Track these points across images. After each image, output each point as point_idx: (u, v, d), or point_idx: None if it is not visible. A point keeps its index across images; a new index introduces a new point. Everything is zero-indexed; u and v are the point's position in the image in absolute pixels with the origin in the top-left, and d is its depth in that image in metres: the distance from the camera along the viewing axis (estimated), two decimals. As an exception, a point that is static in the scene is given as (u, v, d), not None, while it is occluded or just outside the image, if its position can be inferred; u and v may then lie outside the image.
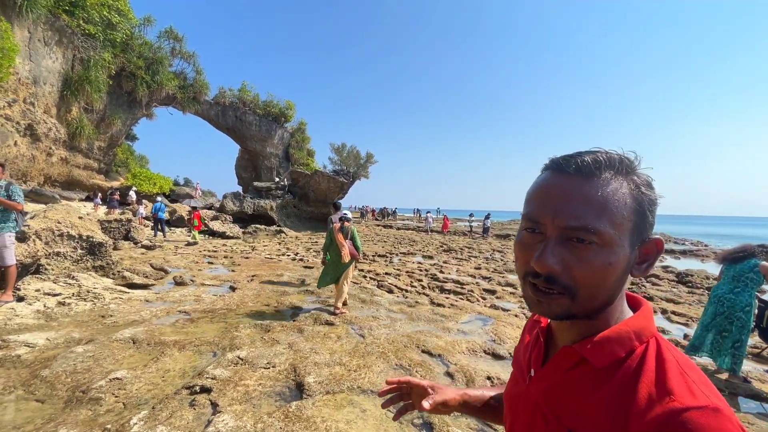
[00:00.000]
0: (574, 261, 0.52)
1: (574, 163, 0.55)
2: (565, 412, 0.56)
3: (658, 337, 0.56)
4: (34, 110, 14.60)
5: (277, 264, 9.71)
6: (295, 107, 30.58)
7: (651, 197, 0.55)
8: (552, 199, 0.55)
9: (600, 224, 0.51)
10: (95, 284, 5.56)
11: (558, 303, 0.54)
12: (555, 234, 0.54)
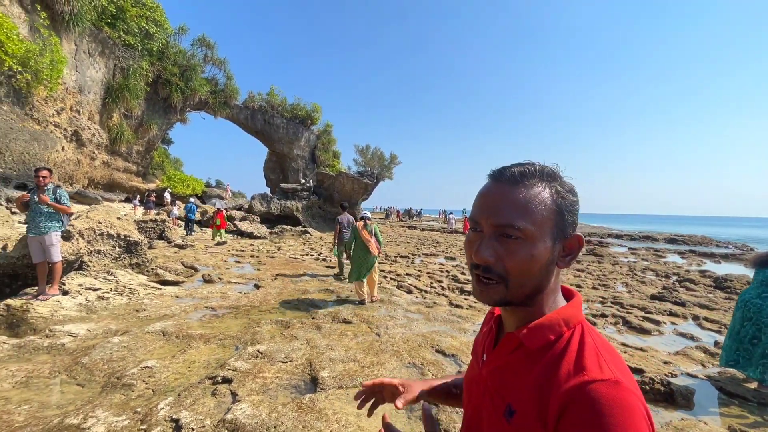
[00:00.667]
0: (505, 253, 0.62)
1: (506, 172, 0.66)
2: (506, 389, 0.65)
3: (584, 323, 0.65)
4: (79, 117, 15.64)
5: (301, 264, 9.96)
6: (322, 110, 31.18)
7: (570, 200, 0.65)
8: (487, 202, 0.66)
9: (522, 222, 0.61)
10: (131, 280, 5.93)
11: (495, 291, 0.64)
12: (489, 231, 0.64)
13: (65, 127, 14.84)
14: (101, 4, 15.45)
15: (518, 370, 0.65)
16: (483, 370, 0.73)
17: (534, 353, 0.63)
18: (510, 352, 0.68)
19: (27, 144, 12.45)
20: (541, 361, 0.62)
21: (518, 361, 0.66)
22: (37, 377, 3.08)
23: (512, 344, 0.68)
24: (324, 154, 30.80)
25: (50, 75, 12.52)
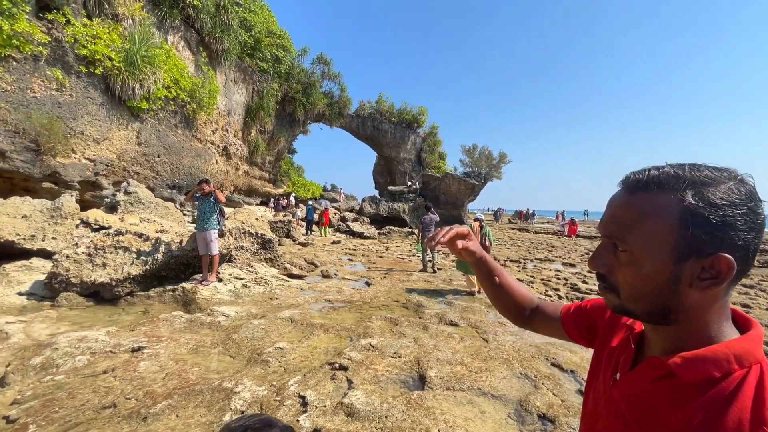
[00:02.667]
0: (615, 264, 0.60)
1: (630, 178, 0.61)
2: (647, 421, 0.58)
3: (764, 364, 0.54)
4: (228, 135, 18.82)
5: (408, 264, 10.25)
6: (427, 112, 31.47)
7: (718, 213, 0.53)
8: (606, 210, 0.64)
9: (627, 235, 0.57)
10: (266, 273, 6.92)
11: (609, 298, 0.63)
12: (603, 241, 0.63)
13: (218, 143, 18.02)
14: (243, 39, 18.34)
15: (663, 404, 0.57)
16: (615, 391, 0.66)
17: (687, 388, 0.55)
18: (653, 380, 0.60)
19: (193, 159, 15.51)
20: (698, 401, 0.53)
21: (664, 393, 0.58)
22: (202, 346, 3.84)
23: (657, 371, 0.60)
24: (430, 156, 31.02)
25: (208, 102, 15.36)
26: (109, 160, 11.19)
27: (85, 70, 10.05)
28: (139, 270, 5.58)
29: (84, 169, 10.32)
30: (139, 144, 12.26)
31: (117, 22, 11.12)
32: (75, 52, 9.77)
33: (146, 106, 11.87)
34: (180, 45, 14.45)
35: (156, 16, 12.93)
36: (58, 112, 9.43)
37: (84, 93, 10.19)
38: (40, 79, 9.16)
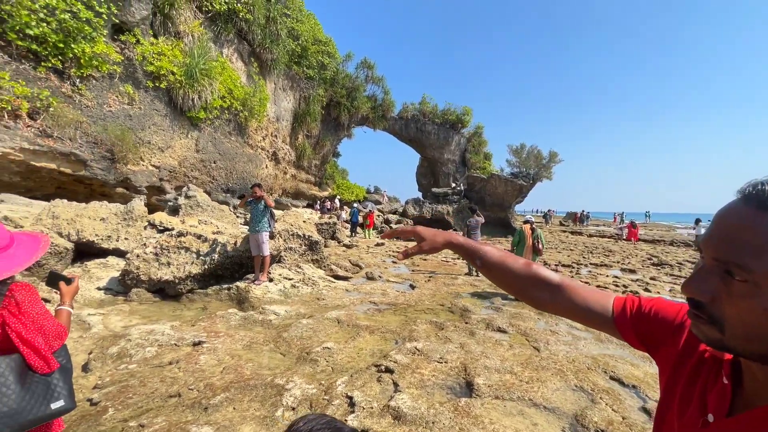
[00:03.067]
0: (724, 294, 0.50)
1: (755, 190, 0.50)
2: None
3: None
4: (277, 141, 19.66)
5: (453, 267, 10.09)
6: (472, 112, 30.89)
7: None
8: (718, 226, 0.52)
9: (755, 262, 0.46)
10: (313, 273, 7.13)
11: (706, 330, 0.52)
12: (709, 263, 0.52)
13: (268, 149, 18.88)
14: (291, 48, 19.09)
15: None
16: None
17: None
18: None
19: (245, 164, 16.38)
20: None
21: None
22: (255, 343, 4.03)
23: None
24: (474, 157, 30.39)
25: (259, 110, 16.15)
26: (172, 166, 12.12)
27: (152, 84, 10.97)
28: (198, 269, 5.99)
29: (150, 175, 11.26)
30: (197, 151, 13.17)
31: (179, 39, 12.04)
32: (143, 68, 10.71)
33: (204, 116, 12.72)
34: (233, 57, 15.34)
35: (212, 31, 13.83)
36: (129, 123, 10.38)
37: (151, 106, 11.14)
38: (115, 95, 10.14)
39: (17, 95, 7.84)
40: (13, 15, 7.88)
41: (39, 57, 8.48)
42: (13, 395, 1.31)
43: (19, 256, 1.45)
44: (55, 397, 1.42)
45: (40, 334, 1.42)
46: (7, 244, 1.44)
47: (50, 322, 1.48)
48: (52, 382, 1.43)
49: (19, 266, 1.43)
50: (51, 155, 8.63)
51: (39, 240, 1.56)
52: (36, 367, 1.39)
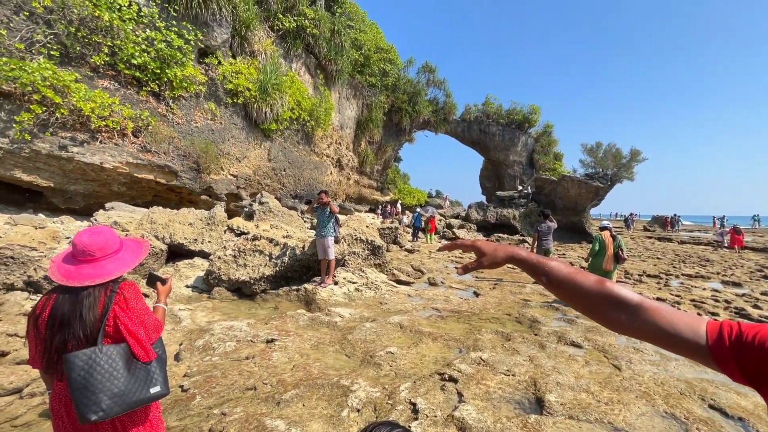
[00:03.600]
0: None
1: None
2: None
3: None
4: (341, 148, 20.39)
5: (520, 275, 9.60)
6: (540, 110, 29.34)
7: None
8: None
9: None
10: (376, 278, 7.24)
11: None
12: None
13: (332, 156, 19.66)
14: (354, 58, 19.74)
15: None
16: None
17: None
18: None
19: (311, 171, 17.23)
20: None
21: None
22: (322, 344, 4.19)
23: None
24: (543, 158, 28.75)
25: (324, 120, 16.90)
26: (247, 175, 13.14)
27: (231, 101, 12.03)
28: (270, 271, 6.40)
29: (229, 183, 12.33)
30: (269, 160, 14.14)
31: (254, 57, 13.08)
32: (224, 87, 11.80)
33: (275, 127, 13.63)
34: (302, 70, 16.27)
35: (283, 48, 14.81)
36: (211, 137, 11.48)
37: (230, 120, 12.22)
38: (200, 112, 11.29)
39: (125, 117, 9.09)
40: (122, 48, 9.16)
41: (141, 82, 9.76)
42: (122, 378, 1.51)
43: (126, 258, 1.69)
44: (153, 383, 1.61)
45: (142, 327, 1.62)
46: (118, 249, 1.69)
47: (150, 317, 1.69)
48: (151, 369, 1.62)
49: (126, 267, 1.66)
50: (149, 167, 9.85)
51: (142, 245, 1.81)
52: (138, 356, 1.59)
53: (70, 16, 8.49)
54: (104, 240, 1.64)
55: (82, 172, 8.94)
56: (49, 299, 1.57)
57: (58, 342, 1.52)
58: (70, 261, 1.60)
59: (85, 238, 1.61)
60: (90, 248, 1.60)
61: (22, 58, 7.88)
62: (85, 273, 1.57)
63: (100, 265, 1.61)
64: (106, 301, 1.58)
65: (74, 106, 8.21)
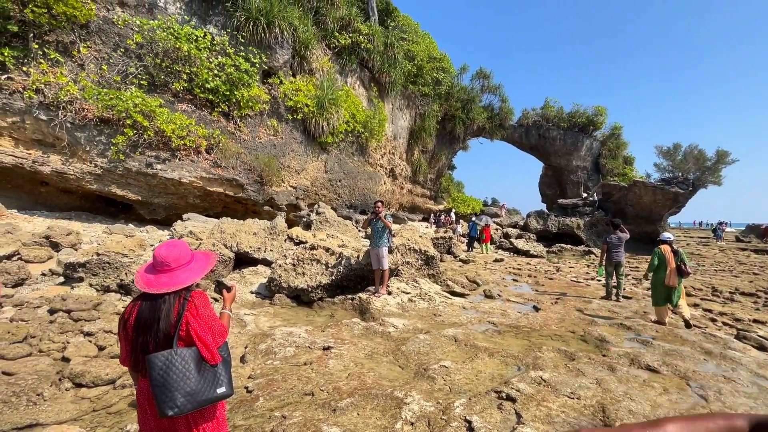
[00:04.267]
0: None
1: None
2: None
3: None
4: (394, 158, 20.64)
5: (585, 289, 8.96)
6: (606, 112, 27.40)
7: None
8: None
9: None
10: (429, 289, 7.18)
11: None
12: None
13: (386, 166, 19.95)
14: (407, 69, 19.98)
15: None
16: None
17: None
18: None
19: (366, 182, 17.62)
20: None
21: None
22: (376, 353, 4.23)
23: None
24: (611, 162, 26.72)
25: (378, 131, 17.26)
26: (305, 186, 13.78)
27: (291, 117, 12.76)
28: (327, 279, 6.63)
29: (289, 195, 13.01)
30: (326, 172, 14.71)
31: (312, 75, 13.78)
32: (284, 104, 12.55)
33: (331, 140, 14.17)
34: (356, 84, 16.80)
35: (338, 64, 15.44)
36: (273, 152, 12.23)
37: (290, 135, 12.94)
38: (264, 128, 12.11)
39: (199, 135, 10.03)
40: (198, 74, 10.16)
41: (213, 104, 10.72)
42: (193, 378, 1.67)
43: (196, 269, 1.90)
44: (219, 384, 1.76)
45: (210, 333, 1.78)
46: (190, 260, 1.90)
47: (217, 323, 1.87)
48: (218, 371, 1.78)
49: (196, 277, 1.87)
50: (220, 181, 10.74)
51: (210, 257, 2.02)
52: (207, 359, 1.75)
53: (156, 50, 9.61)
54: (178, 252, 1.86)
55: (163, 187, 9.97)
56: (135, 305, 1.80)
57: (142, 343, 1.73)
58: (150, 271, 1.83)
59: (163, 250, 1.84)
60: (166, 259, 1.82)
61: (118, 89, 9.04)
62: (162, 281, 1.78)
63: (175, 274, 1.82)
64: (180, 308, 1.77)
65: (158, 128, 9.23)
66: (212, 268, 2.09)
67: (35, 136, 8.57)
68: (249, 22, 11.06)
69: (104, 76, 9.05)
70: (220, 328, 1.87)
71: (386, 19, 20.81)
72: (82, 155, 8.89)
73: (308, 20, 13.41)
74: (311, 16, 13.98)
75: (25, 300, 5.15)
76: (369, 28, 16.15)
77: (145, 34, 9.41)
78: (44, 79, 8.19)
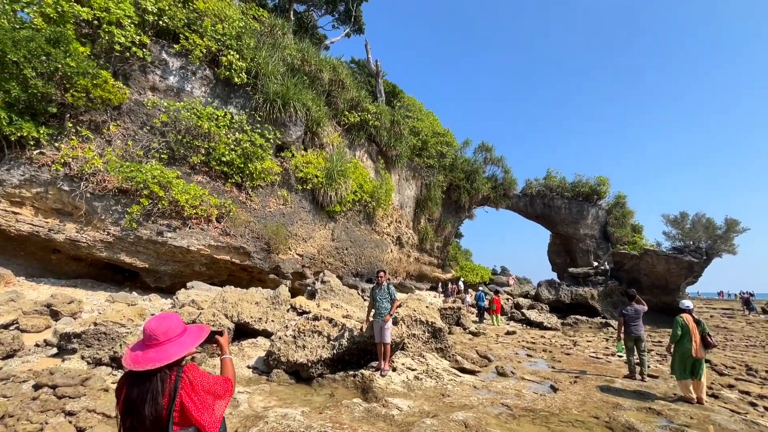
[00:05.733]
0: None
1: None
2: None
3: None
4: (400, 226, 20.85)
5: (606, 366, 8.34)
6: (609, 182, 27.98)
7: None
8: None
9: None
10: (437, 364, 6.73)
11: None
12: None
13: (393, 234, 20.09)
14: (413, 143, 21.09)
15: None
16: None
17: None
18: None
19: (372, 250, 17.61)
20: None
21: None
22: (377, 441, 3.84)
23: None
24: (619, 230, 26.56)
25: (385, 200, 17.70)
26: (312, 254, 13.79)
27: (301, 187, 13.24)
28: (328, 353, 6.29)
29: (295, 263, 12.97)
30: (333, 240, 14.81)
31: (322, 149, 14.57)
32: (295, 175, 13.11)
33: (338, 209, 14.50)
34: (364, 157, 17.65)
35: (348, 139, 16.40)
36: (282, 220, 12.48)
37: (299, 204, 13.30)
38: (274, 198, 12.51)
39: (211, 205, 10.35)
40: (215, 149, 10.81)
41: (227, 175, 11.24)
42: None
43: (187, 342, 1.83)
44: None
45: (207, 412, 1.68)
46: (181, 333, 1.83)
47: (218, 384, 1.78)
48: None
49: (186, 350, 1.80)
50: (227, 249, 10.82)
51: (203, 329, 1.96)
52: None
53: (179, 127, 10.37)
54: (168, 325, 1.79)
55: (171, 254, 10.05)
56: (124, 384, 1.71)
57: (129, 427, 1.62)
58: (139, 347, 1.75)
59: (152, 323, 1.78)
60: (156, 333, 1.74)
61: (139, 162, 9.60)
62: (149, 357, 1.69)
63: (163, 348, 1.72)
64: (173, 388, 1.66)
65: (173, 198, 9.58)
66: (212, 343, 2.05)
67: (55, 205, 8.92)
68: (266, 103, 12.04)
69: (128, 151, 9.67)
70: (224, 385, 1.81)
71: (393, 99, 22.54)
72: (96, 223, 9.15)
73: (321, 101, 14.57)
74: (323, 97, 15.21)
75: (12, 374, 4.92)
76: (376, 108, 17.42)
77: (171, 114, 10.24)
78: (73, 154, 8.77)
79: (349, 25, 25.05)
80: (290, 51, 14.42)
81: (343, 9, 24.61)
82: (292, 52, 14.50)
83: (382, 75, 23.56)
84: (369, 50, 24.85)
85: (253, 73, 12.06)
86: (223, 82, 11.74)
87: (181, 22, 10.94)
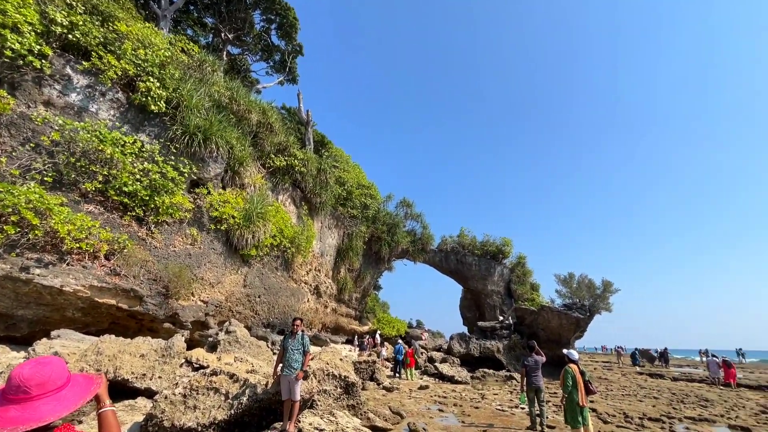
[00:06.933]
0: None
1: None
2: None
3: None
4: (319, 275, 20.27)
5: (511, 419, 8.61)
6: (512, 243, 31.03)
7: None
8: None
9: None
10: (347, 423, 6.30)
11: None
12: None
13: (311, 283, 19.36)
14: (338, 192, 21.35)
15: None
16: None
17: None
18: None
19: (288, 299, 16.66)
20: None
21: None
22: None
23: None
24: (521, 288, 29.13)
25: (305, 247, 17.22)
26: (219, 301, 12.53)
27: (214, 227, 12.29)
28: (224, 414, 5.52)
29: (198, 310, 11.61)
30: (244, 286, 13.72)
31: (243, 189, 13.93)
32: (209, 214, 12.19)
33: (254, 253, 13.66)
34: (287, 201, 17.26)
35: (271, 182, 15.99)
36: (188, 261, 11.29)
37: (210, 245, 12.25)
38: (181, 237, 11.36)
39: (101, 239, 8.99)
40: (117, 177, 9.67)
41: (127, 207, 10.01)
42: None
43: (67, 398, 1.40)
44: None
45: None
46: (62, 386, 1.41)
47: None
48: None
49: (63, 411, 1.37)
50: (114, 292, 9.31)
51: (93, 382, 1.54)
52: None
53: (74, 149, 9.15)
54: (48, 374, 1.37)
55: (36, 295, 8.33)
56: None
57: None
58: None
59: (25, 370, 1.35)
60: (27, 383, 1.32)
61: (13, 183, 8.13)
62: (9, 417, 1.26)
63: (33, 406, 1.31)
64: None
65: (51, 228, 8.16)
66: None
67: None
68: (185, 135, 11.33)
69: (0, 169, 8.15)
70: None
71: (321, 149, 22.98)
72: (-67, 253, 7.29)
73: (246, 141, 14.19)
74: (250, 138, 14.88)
75: None
76: (304, 154, 17.52)
77: (66, 133, 9.04)
78: None
79: (284, 74, 25.61)
80: (218, 88, 14.07)
81: (278, 59, 25.22)
82: (220, 89, 14.16)
83: (312, 124, 24.08)
84: (301, 99, 25.45)
85: (173, 103, 11.41)
86: (137, 108, 10.86)
87: (96, 40, 10.12)
